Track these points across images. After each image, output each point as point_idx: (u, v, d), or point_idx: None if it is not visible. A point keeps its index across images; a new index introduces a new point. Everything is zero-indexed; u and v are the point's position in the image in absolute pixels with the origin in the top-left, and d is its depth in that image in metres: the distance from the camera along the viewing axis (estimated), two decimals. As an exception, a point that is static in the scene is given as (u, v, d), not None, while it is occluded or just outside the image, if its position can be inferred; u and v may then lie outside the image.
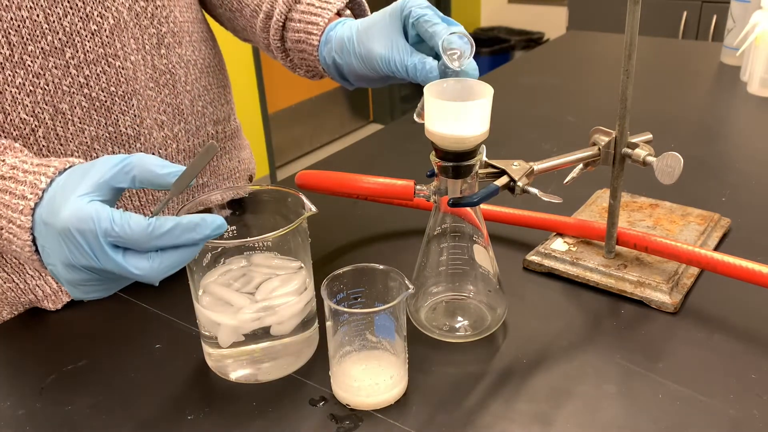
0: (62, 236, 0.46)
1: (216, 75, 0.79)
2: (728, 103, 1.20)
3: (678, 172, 0.59)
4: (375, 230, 0.80)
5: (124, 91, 0.66)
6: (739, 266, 0.59)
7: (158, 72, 0.69)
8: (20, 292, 0.68)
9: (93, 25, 0.62)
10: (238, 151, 0.85)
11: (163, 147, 0.72)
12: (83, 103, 0.63)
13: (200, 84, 0.75)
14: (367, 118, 3.70)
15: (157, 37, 0.68)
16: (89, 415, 0.54)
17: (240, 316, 0.54)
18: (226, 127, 0.81)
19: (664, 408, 0.52)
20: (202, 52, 0.76)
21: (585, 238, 0.71)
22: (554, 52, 1.60)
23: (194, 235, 0.46)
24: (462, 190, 0.56)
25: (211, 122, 0.78)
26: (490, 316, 0.61)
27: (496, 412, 0.52)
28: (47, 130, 0.63)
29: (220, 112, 0.80)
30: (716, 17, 2.51)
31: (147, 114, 0.68)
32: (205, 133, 0.77)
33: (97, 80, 0.64)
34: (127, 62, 0.65)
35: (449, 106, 0.52)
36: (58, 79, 0.62)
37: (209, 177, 0.80)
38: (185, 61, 0.72)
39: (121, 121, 0.66)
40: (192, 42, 0.74)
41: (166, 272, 0.47)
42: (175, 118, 0.72)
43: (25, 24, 0.59)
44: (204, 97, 0.76)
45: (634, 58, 0.58)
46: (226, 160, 0.82)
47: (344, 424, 0.52)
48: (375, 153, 1.06)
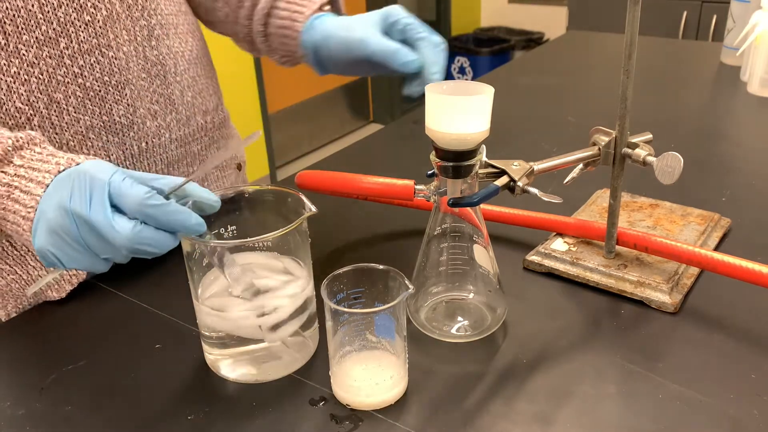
0: (73, 177, 0.49)
1: (203, 66, 0.81)
2: (728, 103, 1.20)
3: (678, 172, 0.59)
4: (375, 230, 0.80)
5: (117, 81, 0.67)
6: (739, 266, 0.59)
7: (150, 63, 0.71)
8: (24, 283, 0.69)
9: (86, 15, 0.63)
10: (226, 140, 0.86)
11: (157, 136, 0.73)
12: (77, 93, 0.65)
13: (188, 75, 0.77)
14: (367, 118, 3.70)
15: (148, 29, 0.70)
16: (89, 415, 0.54)
17: (239, 315, 0.54)
18: (214, 116, 0.82)
19: (664, 408, 0.52)
20: (189, 44, 0.77)
21: (585, 238, 0.71)
22: (554, 52, 1.60)
23: (181, 220, 0.48)
24: (462, 190, 0.56)
25: (200, 112, 0.79)
26: (490, 316, 0.61)
27: (496, 412, 0.52)
28: (42, 119, 0.64)
29: (208, 102, 0.81)
30: (716, 17, 2.51)
31: (140, 104, 0.70)
32: (195, 122, 0.78)
33: (91, 70, 0.65)
34: (119, 53, 0.67)
35: (450, 101, 0.52)
36: (53, 69, 0.63)
37: (198, 165, 0.80)
38: (174, 52, 0.74)
39: (115, 110, 0.68)
40: (178, 34, 0.75)
41: (138, 243, 0.48)
42: (167, 108, 0.74)
43: (20, 13, 0.60)
44: (193, 87, 0.78)
45: (634, 58, 0.58)
46: (214, 149, 0.83)
47: (344, 424, 0.52)
48: (375, 153, 1.06)
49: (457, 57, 3.77)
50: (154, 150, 0.73)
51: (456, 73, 3.82)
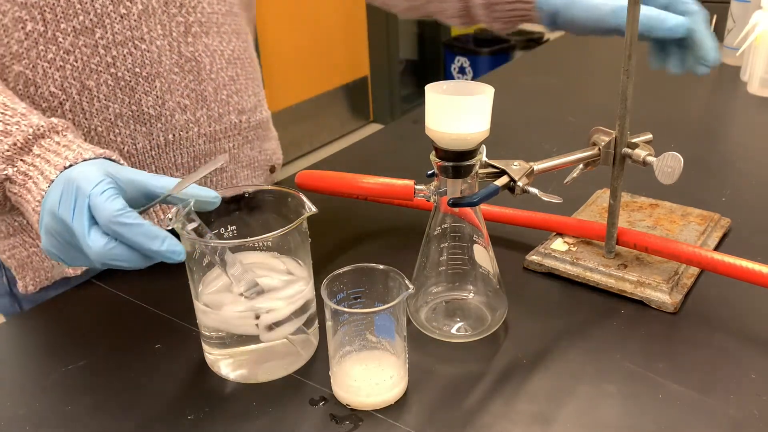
0: (64, 182, 0.50)
1: (244, 66, 0.80)
2: (728, 103, 1.20)
3: (678, 172, 0.59)
4: (375, 230, 0.80)
5: (147, 73, 0.68)
6: (739, 266, 0.59)
7: (184, 58, 0.71)
8: (43, 257, 0.72)
9: (122, 8, 0.65)
10: (261, 141, 0.86)
11: (185, 129, 0.73)
12: (109, 82, 0.67)
13: (226, 74, 0.77)
14: (367, 118, 3.70)
15: (185, 26, 0.71)
16: (89, 415, 0.54)
17: (235, 314, 0.54)
18: (251, 117, 0.82)
19: (664, 408, 0.52)
20: (231, 44, 0.77)
21: (585, 238, 0.71)
22: (554, 52, 1.60)
23: (148, 243, 0.48)
24: (462, 190, 0.56)
25: (235, 111, 0.79)
26: (490, 317, 0.61)
27: (496, 412, 0.52)
28: (74, 105, 0.66)
29: (246, 102, 0.81)
30: (716, 17, 2.51)
31: (170, 97, 0.71)
32: (228, 120, 0.78)
33: (123, 61, 0.67)
34: (152, 46, 0.68)
35: (450, 101, 0.52)
36: (87, 57, 0.65)
37: (229, 162, 0.81)
38: (211, 50, 0.74)
39: (144, 101, 0.69)
40: (221, 33, 0.75)
41: (109, 259, 0.48)
42: (198, 103, 0.74)
43: (59, 3, 0.63)
44: (230, 86, 0.78)
45: (634, 58, 0.58)
46: (247, 149, 0.83)
47: (344, 424, 0.52)
48: (375, 153, 1.06)
49: (457, 57, 3.77)
50: (181, 143, 0.74)
51: (456, 73, 3.82)
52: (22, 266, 0.73)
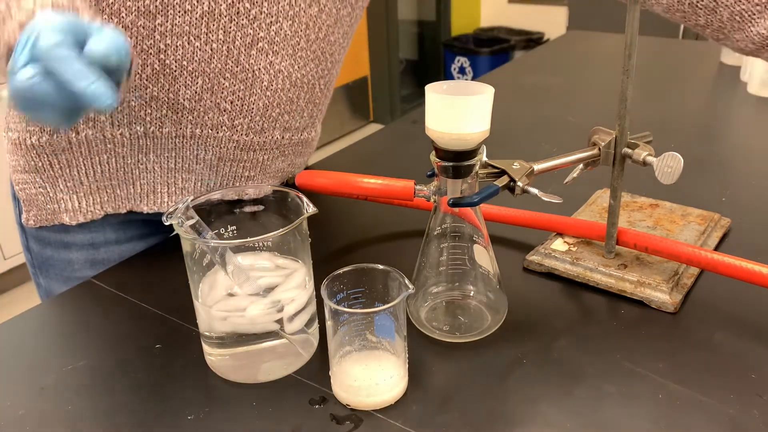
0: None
1: (313, 91, 0.78)
2: (728, 103, 1.20)
3: (678, 172, 0.59)
4: (375, 230, 0.80)
5: (194, 69, 0.69)
6: (739, 266, 0.59)
7: (240, 67, 0.71)
8: (48, 199, 0.76)
9: (188, 4, 0.66)
10: (295, 156, 0.84)
11: (216, 129, 0.73)
12: (155, 65, 0.68)
13: (285, 94, 0.75)
14: (367, 118, 3.71)
15: (251, 39, 0.70)
16: (89, 415, 0.54)
17: (258, 313, 0.54)
18: (294, 135, 0.80)
19: (664, 408, 0.52)
20: (304, 69, 0.75)
21: (585, 238, 0.71)
22: (554, 52, 1.60)
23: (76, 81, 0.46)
24: (462, 190, 0.56)
25: (281, 128, 0.77)
26: (490, 316, 0.61)
27: (496, 412, 0.52)
28: None
29: (296, 122, 0.79)
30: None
31: (209, 96, 0.71)
32: (270, 135, 0.77)
33: (174, 51, 0.68)
34: (207, 47, 0.68)
35: (450, 101, 0.52)
36: (142, 39, 0.66)
37: (256, 172, 0.79)
38: (275, 70, 0.72)
39: (182, 92, 0.70)
40: (296, 57, 0.73)
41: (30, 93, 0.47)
42: (241, 111, 0.73)
43: None
44: (285, 106, 0.75)
45: (634, 58, 0.58)
46: (279, 162, 0.81)
47: (344, 424, 0.52)
48: (375, 153, 1.06)
49: (457, 57, 3.77)
50: (208, 140, 0.73)
51: (456, 73, 3.82)
52: (29, 201, 0.77)
